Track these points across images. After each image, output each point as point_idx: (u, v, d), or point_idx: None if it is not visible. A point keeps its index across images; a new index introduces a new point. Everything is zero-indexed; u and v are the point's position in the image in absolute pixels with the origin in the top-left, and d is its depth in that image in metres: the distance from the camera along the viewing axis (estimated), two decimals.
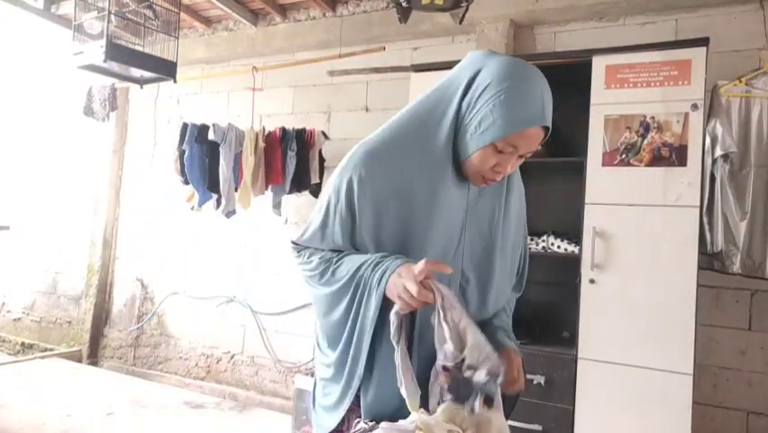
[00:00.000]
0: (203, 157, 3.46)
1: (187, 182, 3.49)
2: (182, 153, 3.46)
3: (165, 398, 3.66)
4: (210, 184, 3.47)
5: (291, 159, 3.37)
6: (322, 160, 3.45)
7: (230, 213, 3.51)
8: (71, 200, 4.80)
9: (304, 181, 3.43)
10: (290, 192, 3.47)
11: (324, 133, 3.47)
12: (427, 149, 1.03)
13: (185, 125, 3.48)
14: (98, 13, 2.81)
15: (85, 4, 2.89)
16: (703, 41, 2.22)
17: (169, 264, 4.34)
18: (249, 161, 3.35)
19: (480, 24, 3.10)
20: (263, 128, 3.44)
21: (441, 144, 1.03)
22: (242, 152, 3.42)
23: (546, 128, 1.01)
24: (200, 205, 3.54)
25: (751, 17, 2.65)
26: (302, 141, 3.39)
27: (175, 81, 3.05)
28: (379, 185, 1.02)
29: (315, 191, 3.51)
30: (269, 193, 3.49)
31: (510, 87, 0.97)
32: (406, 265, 0.95)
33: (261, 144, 3.39)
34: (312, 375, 3.03)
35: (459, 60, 1.09)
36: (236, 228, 3.97)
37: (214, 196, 3.51)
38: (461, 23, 2.60)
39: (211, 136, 3.36)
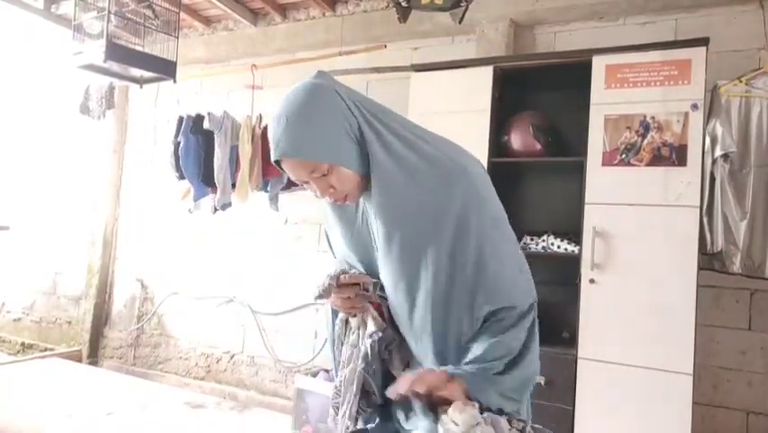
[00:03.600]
0: (198, 150, 3.41)
1: (182, 177, 3.44)
2: (177, 146, 3.42)
3: (165, 398, 3.65)
4: (205, 176, 3.41)
5: None
6: None
7: (225, 205, 3.41)
8: (71, 200, 4.80)
9: None
10: (289, 186, 3.35)
11: None
12: None
13: (180, 118, 3.46)
14: (98, 12, 2.80)
15: (84, 4, 2.88)
16: (703, 41, 2.23)
17: (168, 264, 4.34)
18: (245, 149, 3.28)
19: (480, 24, 3.09)
20: (260, 116, 3.39)
21: None
22: (238, 145, 3.35)
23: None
24: (195, 200, 3.48)
25: (751, 17, 2.65)
26: None
27: (175, 81, 3.05)
28: (328, 211, 1.22)
29: None
30: (267, 190, 3.42)
31: None
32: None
33: (258, 131, 3.31)
34: (312, 375, 3.03)
35: (459, 60, 1.09)
36: (236, 228, 3.97)
37: (210, 191, 3.44)
38: (460, 22, 2.59)
39: (206, 125, 3.32)
